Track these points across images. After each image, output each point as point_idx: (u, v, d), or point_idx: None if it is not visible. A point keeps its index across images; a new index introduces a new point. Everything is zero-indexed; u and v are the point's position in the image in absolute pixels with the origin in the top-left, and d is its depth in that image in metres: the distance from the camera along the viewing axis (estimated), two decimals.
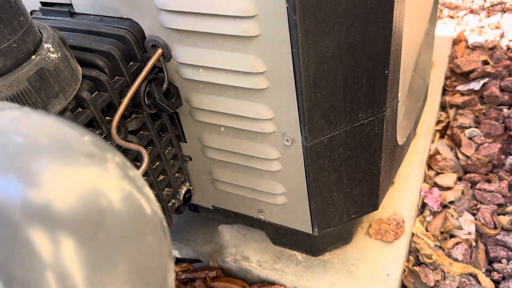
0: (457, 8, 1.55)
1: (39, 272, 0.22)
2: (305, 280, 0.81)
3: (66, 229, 0.23)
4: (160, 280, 0.28)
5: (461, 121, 1.11)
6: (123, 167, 0.28)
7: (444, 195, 0.96)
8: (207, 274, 0.86)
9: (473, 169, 1.00)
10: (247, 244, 0.88)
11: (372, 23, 0.50)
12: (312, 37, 0.48)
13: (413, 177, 0.95)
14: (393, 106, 0.63)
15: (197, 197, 0.79)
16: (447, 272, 0.83)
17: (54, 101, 0.46)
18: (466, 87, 1.19)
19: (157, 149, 0.65)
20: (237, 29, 0.50)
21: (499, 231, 0.87)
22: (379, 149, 0.64)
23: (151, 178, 0.65)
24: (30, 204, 0.23)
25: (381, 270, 0.80)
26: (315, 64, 0.50)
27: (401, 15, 0.55)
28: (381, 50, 0.53)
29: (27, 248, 0.22)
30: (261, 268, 0.84)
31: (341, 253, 0.84)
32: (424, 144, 1.02)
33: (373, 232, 0.85)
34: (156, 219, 0.29)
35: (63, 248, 0.23)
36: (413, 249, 0.87)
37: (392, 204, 0.90)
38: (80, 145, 0.27)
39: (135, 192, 0.27)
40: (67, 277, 0.23)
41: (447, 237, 0.89)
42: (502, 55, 1.26)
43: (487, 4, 1.53)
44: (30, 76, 0.43)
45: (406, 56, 0.72)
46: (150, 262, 0.27)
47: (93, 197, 0.25)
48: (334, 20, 0.48)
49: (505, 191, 0.94)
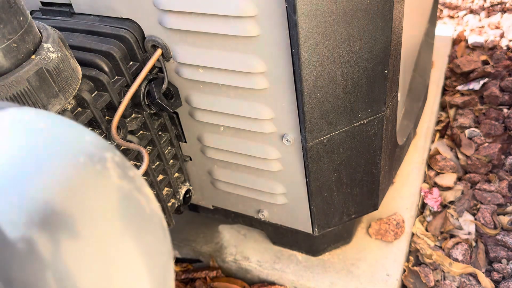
0: (457, 8, 1.55)
1: (39, 272, 0.22)
2: (305, 280, 0.81)
3: (66, 228, 0.23)
4: (160, 280, 0.28)
5: (461, 121, 1.11)
6: (123, 167, 0.28)
7: (444, 195, 0.96)
8: (207, 274, 0.86)
9: (473, 169, 1.00)
10: (247, 244, 0.88)
11: (372, 23, 0.50)
12: (311, 37, 0.48)
13: (413, 177, 0.95)
14: (393, 106, 0.63)
15: (197, 197, 0.79)
16: (447, 272, 0.83)
17: (54, 101, 0.46)
18: (466, 87, 1.19)
19: (157, 149, 0.65)
20: (237, 29, 0.50)
21: (499, 231, 0.87)
22: (379, 149, 0.64)
23: (151, 178, 0.65)
24: (30, 204, 0.23)
25: (381, 270, 0.80)
26: (314, 64, 0.50)
27: (400, 15, 0.55)
28: (381, 50, 0.53)
29: (27, 248, 0.22)
30: (261, 268, 0.84)
31: (341, 253, 0.84)
32: (424, 144, 1.02)
33: (373, 232, 0.85)
34: (156, 219, 0.29)
35: (62, 247, 0.23)
36: (413, 249, 0.87)
37: (392, 204, 0.90)
38: (80, 144, 0.27)
39: (134, 192, 0.27)
40: (67, 277, 0.23)
41: (447, 237, 0.89)
42: (502, 55, 1.26)
43: (487, 4, 1.53)
44: (30, 76, 0.43)
45: (406, 56, 0.72)
46: (150, 262, 0.27)
47: (92, 197, 0.25)
48: (333, 20, 0.48)
49: (505, 191, 0.94)
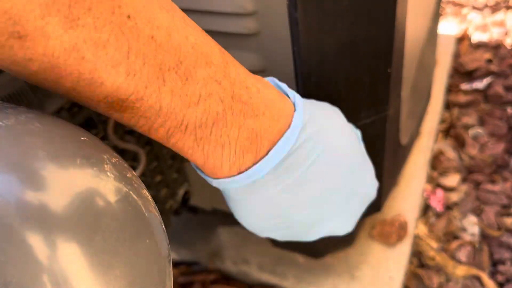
0: (461, 6, 1.54)
1: (35, 275, 0.22)
2: (306, 283, 0.80)
3: (62, 231, 0.23)
4: (159, 283, 0.28)
5: (465, 120, 1.10)
6: (120, 168, 0.28)
7: (447, 196, 0.95)
8: (206, 277, 0.86)
9: (477, 170, 0.99)
10: (247, 246, 0.87)
11: (374, 20, 0.49)
12: (313, 34, 0.47)
13: (416, 177, 0.94)
14: (396, 105, 0.62)
15: (196, 198, 0.78)
16: (451, 274, 0.82)
17: (50, 100, 0.45)
18: (469, 86, 1.18)
19: (155, 149, 0.64)
20: (236, 26, 0.49)
21: (503, 233, 0.86)
22: (381, 149, 0.63)
23: (148, 179, 0.64)
24: (25, 206, 0.23)
25: (384, 273, 0.79)
26: (316, 62, 0.49)
27: (404, 12, 0.54)
28: (384, 48, 0.52)
29: (23, 251, 0.22)
30: (261, 271, 0.83)
31: (343, 256, 0.83)
32: (427, 144, 1.01)
33: (375, 234, 0.84)
34: (154, 221, 0.29)
35: (59, 250, 0.23)
36: (416, 251, 0.86)
37: (395, 206, 0.89)
38: (76, 145, 0.27)
39: (132, 194, 0.27)
40: (63, 281, 0.23)
41: (450, 238, 0.88)
42: (506, 54, 1.25)
43: (491, 2, 1.51)
44: None
45: (409, 54, 0.71)
46: (148, 265, 0.27)
47: (89, 199, 0.25)
48: (336, 17, 0.47)
49: (509, 192, 0.93)
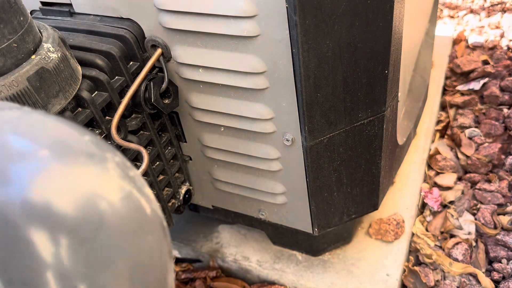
0: (457, 8, 1.55)
1: (39, 272, 0.22)
2: (305, 280, 0.81)
3: (66, 229, 0.23)
4: (160, 280, 0.28)
5: (461, 121, 1.11)
6: (123, 167, 0.28)
7: (444, 195, 0.96)
8: (207, 274, 0.86)
9: (473, 169, 1.00)
10: (247, 244, 0.88)
11: (372, 23, 0.50)
12: (312, 37, 0.48)
13: (413, 177, 0.95)
14: (393, 106, 0.63)
15: (197, 197, 0.79)
16: (447, 272, 0.83)
17: (54, 101, 0.46)
18: (466, 87, 1.19)
19: (157, 149, 0.65)
20: (237, 29, 0.50)
21: (499, 231, 0.87)
22: (379, 149, 0.64)
23: (151, 178, 0.65)
24: (30, 204, 0.23)
25: (381, 270, 0.80)
26: (315, 64, 0.50)
27: (401, 15, 0.55)
28: (381, 50, 0.53)
29: (27, 248, 0.22)
30: (261, 268, 0.84)
31: (341, 253, 0.84)
32: (424, 144, 1.02)
33: (373, 232, 0.85)
34: (156, 219, 0.29)
35: (63, 248, 0.23)
36: (413, 249, 0.87)
37: (392, 204, 0.90)
38: (80, 144, 0.27)
39: (135, 192, 0.27)
40: (67, 277, 0.23)
41: (447, 237, 0.89)
42: (502, 55, 1.26)
43: (487, 4, 1.53)
44: (30, 76, 0.43)
45: (406, 56, 0.72)
46: (150, 262, 0.27)
47: (93, 197, 0.25)
48: (334, 20, 0.48)
49: (505, 191, 0.94)
